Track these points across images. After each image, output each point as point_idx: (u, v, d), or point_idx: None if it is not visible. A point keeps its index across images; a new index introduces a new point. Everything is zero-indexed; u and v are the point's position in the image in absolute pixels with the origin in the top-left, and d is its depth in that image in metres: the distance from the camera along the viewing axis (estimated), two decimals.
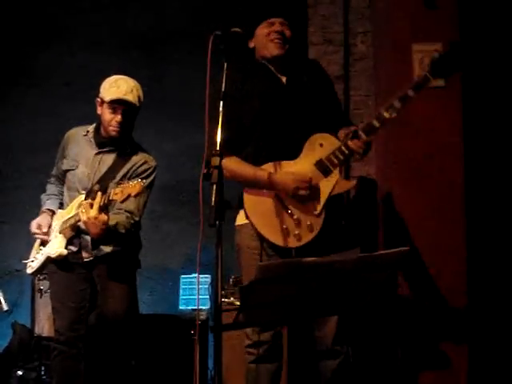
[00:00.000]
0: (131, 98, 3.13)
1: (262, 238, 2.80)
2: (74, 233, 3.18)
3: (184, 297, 4.39)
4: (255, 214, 2.83)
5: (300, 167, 2.79)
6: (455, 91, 3.67)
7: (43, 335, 4.14)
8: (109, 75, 3.28)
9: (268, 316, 2.18)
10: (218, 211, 2.19)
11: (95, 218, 2.95)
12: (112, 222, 3.04)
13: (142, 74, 4.74)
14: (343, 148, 2.75)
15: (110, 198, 2.94)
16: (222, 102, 2.36)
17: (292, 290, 2.06)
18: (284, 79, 2.93)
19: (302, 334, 3.29)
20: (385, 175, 3.97)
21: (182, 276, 4.44)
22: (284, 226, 2.76)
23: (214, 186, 2.22)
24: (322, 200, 2.76)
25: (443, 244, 3.62)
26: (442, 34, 3.73)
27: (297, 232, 2.75)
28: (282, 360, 2.94)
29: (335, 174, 2.77)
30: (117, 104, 3.13)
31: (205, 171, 2.27)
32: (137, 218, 3.18)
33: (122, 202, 2.95)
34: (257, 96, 2.87)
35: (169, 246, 4.89)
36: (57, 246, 3.17)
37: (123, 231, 3.11)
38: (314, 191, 2.76)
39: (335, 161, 2.76)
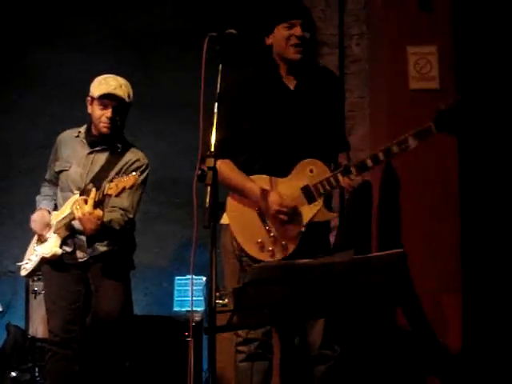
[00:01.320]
0: (121, 92, 3.15)
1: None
2: (69, 232, 3.17)
3: (178, 298, 4.38)
4: (235, 221, 2.85)
5: (286, 189, 2.80)
6: (449, 93, 3.67)
7: (37, 336, 4.12)
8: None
9: (262, 318, 2.18)
10: (212, 213, 2.18)
11: (90, 214, 2.95)
12: (106, 219, 3.04)
13: (137, 75, 4.76)
14: (332, 180, 2.76)
15: (105, 193, 2.95)
16: (216, 104, 2.36)
17: (286, 292, 2.06)
18: (293, 85, 2.89)
19: (294, 337, 3.28)
20: (379, 177, 3.97)
21: (177, 277, 4.43)
22: (259, 240, 2.78)
23: (209, 188, 2.22)
24: (301, 225, 2.78)
25: (438, 246, 3.62)
26: (437, 37, 3.75)
27: (271, 248, 2.77)
28: (272, 358, 2.94)
29: (318, 203, 2.78)
30: (107, 99, 3.14)
31: (199, 173, 2.27)
32: (131, 215, 3.18)
33: (117, 195, 2.95)
34: (261, 102, 2.86)
35: (163, 247, 4.88)
36: (51, 245, 3.17)
37: (118, 228, 3.10)
38: (296, 214, 2.77)
39: (321, 190, 2.77)
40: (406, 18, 3.76)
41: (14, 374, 4.08)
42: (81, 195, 3.11)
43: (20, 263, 3.36)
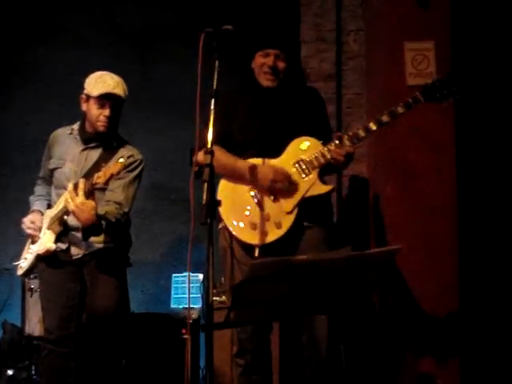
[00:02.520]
0: (119, 91, 3.15)
1: (232, 238, 2.82)
2: (62, 228, 3.15)
3: (176, 295, 4.37)
4: (226, 202, 2.80)
5: (280, 164, 2.83)
6: None
7: (34, 334, 4.11)
8: None
9: (259, 314, 2.18)
10: (209, 209, 2.18)
11: (83, 204, 2.93)
12: (101, 212, 3.02)
13: (133, 72, 4.75)
14: (325, 152, 2.79)
15: (94, 182, 2.93)
16: (213, 100, 2.36)
17: (283, 289, 2.05)
18: (276, 91, 2.97)
19: (294, 342, 3.28)
20: (376, 174, 3.97)
21: (174, 275, 4.42)
22: (252, 220, 2.77)
23: (206, 185, 2.21)
24: (295, 199, 2.78)
25: (435, 243, 3.62)
26: (435, 33, 3.74)
27: (264, 227, 2.76)
28: (270, 370, 2.95)
29: (313, 176, 2.80)
30: (105, 99, 3.13)
31: (196, 169, 2.27)
32: (126, 209, 3.17)
33: (106, 183, 2.93)
34: (246, 110, 2.94)
35: (160, 244, 4.87)
36: (45, 241, 3.16)
37: (113, 220, 3.09)
38: (289, 190, 2.78)
39: (315, 163, 2.80)
40: (403, 13, 3.75)
41: (10, 372, 4.07)
42: (74, 189, 3.10)
43: (16, 262, 3.34)
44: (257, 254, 2.74)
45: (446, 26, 3.74)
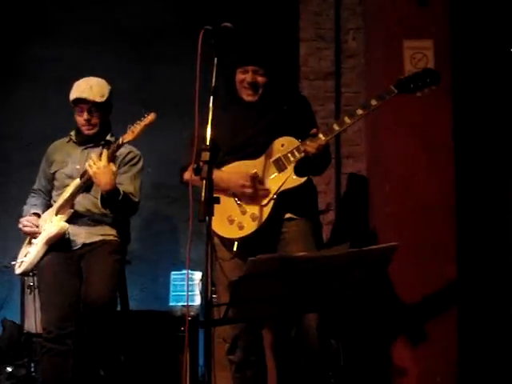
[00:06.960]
0: (88, 95, 3.23)
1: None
2: (73, 210, 3.20)
3: (174, 293, 4.37)
4: None
5: (258, 164, 2.91)
6: (446, 90, 3.67)
7: (33, 332, 4.11)
8: (99, 71, 3.35)
9: (258, 311, 2.18)
10: (208, 207, 2.19)
11: (105, 167, 3.04)
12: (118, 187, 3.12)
13: (133, 72, 4.76)
14: (300, 147, 2.86)
15: (121, 143, 3.06)
16: (211, 98, 2.37)
17: (282, 285, 2.06)
18: (257, 105, 3.02)
19: (288, 335, 3.30)
20: (375, 172, 3.98)
21: (173, 272, 4.43)
22: (229, 215, 2.85)
23: (204, 182, 2.22)
24: (271, 192, 2.86)
25: (433, 241, 3.63)
26: (433, 31, 3.75)
27: (240, 220, 2.84)
28: (264, 365, 3.01)
29: (289, 171, 2.88)
30: (79, 104, 3.27)
31: (195, 166, 2.28)
32: (136, 199, 3.28)
33: (135, 138, 3.05)
34: (229, 123, 2.98)
35: (159, 242, 4.88)
36: (55, 223, 3.20)
37: (129, 199, 3.18)
38: (263, 185, 2.87)
39: (291, 158, 2.87)
40: (402, 12, 3.76)
41: (9, 369, 4.07)
42: (81, 177, 3.18)
43: (17, 260, 3.34)
44: (235, 248, 2.83)
45: (444, 24, 3.75)
